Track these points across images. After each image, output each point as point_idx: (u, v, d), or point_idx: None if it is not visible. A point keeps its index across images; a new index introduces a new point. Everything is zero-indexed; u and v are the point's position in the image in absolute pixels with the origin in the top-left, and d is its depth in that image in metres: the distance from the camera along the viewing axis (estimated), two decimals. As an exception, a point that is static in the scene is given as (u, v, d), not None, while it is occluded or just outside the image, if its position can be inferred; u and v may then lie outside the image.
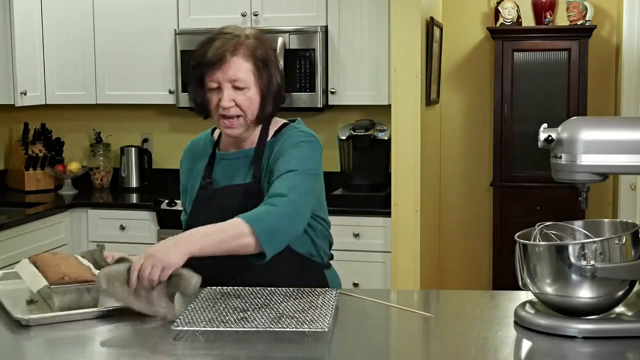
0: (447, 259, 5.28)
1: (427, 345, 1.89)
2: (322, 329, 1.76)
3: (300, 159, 2.10)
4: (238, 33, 2.13)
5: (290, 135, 2.18)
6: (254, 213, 1.99)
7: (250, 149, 2.20)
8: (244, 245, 1.96)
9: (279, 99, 2.18)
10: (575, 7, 4.81)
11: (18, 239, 3.97)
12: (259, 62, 2.11)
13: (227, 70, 2.09)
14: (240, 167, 2.20)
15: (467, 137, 5.23)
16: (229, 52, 2.09)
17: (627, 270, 1.78)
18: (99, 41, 4.66)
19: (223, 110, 2.11)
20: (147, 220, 4.37)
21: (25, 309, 1.99)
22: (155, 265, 1.87)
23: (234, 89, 2.10)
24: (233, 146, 2.24)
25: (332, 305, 1.92)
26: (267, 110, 2.15)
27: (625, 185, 4.69)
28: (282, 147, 2.14)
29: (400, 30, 4.06)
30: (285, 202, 2.00)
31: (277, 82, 2.15)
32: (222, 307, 1.91)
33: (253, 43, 2.12)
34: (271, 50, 2.16)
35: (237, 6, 4.46)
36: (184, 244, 1.92)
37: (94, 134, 4.97)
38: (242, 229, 1.95)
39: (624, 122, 1.98)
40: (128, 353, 1.78)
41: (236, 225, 1.96)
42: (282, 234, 2.00)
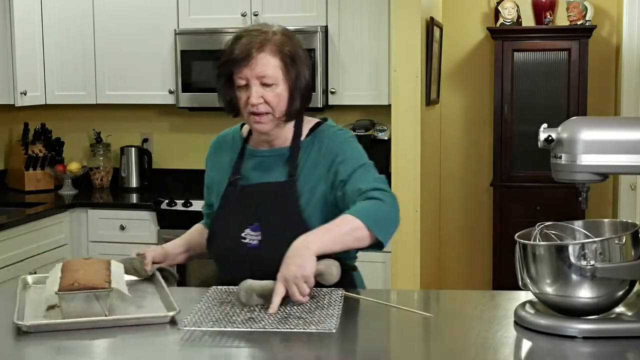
0: (447, 259, 5.28)
1: (427, 345, 1.89)
2: (330, 330, 1.76)
3: (359, 154, 2.16)
4: (265, 30, 2.12)
5: (332, 134, 2.19)
6: (360, 208, 2.01)
7: (285, 147, 2.19)
8: (360, 239, 1.98)
9: (308, 96, 2.18)
10: (575, 7, 4.81)
11: (18, 239, 3.97)
12: (287, 58, 2.10)
13: (254, 66, 2.08)
14: (274, 165, 2.19)
15: (467, 137, 5.24)
16: (256, 48, 2.08)
17: (627, 270, 1.78)
18: (99, 41, 4.66)
19: (252, 107, 2.10)
20: (147, 220, 4.37)
21: (43, 314, 1.96)
22: (298, 283, 1.88)
23: (262, 86, 2.09)
24: (264, 143, 2.22)
25: (339, 305, 1.92)
26: (295, 107, 2.13)
27: (625, 185, 4.69)
28: (329, 152, 2.15)
29: (400, 30, 4.06)
30: (383, 194, 2.04)
31: (306, 79, 2.15)
32: (229, 308, 1.91)
33: (280, 39, 2.11)
34: (300, 47, 2.16)
35: (237, 6, 4.46)
36: (307, 250, 1.92)
37: (94, 134, 4.97)
38: (354, 223, 1.97)
39: (624, 122, 1.98)
40: (134, 354, 1.77)
41: (348, 220, 1.98)
42: (392, 223, 2.05)
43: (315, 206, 2.13)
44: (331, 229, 1.98)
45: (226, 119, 5.10)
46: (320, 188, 2.13)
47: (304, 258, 1.89)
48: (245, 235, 2.15)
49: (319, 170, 2.15)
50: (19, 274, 3.92)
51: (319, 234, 1.96)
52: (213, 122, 4.90)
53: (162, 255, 2.29)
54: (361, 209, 2.01)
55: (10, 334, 1.85)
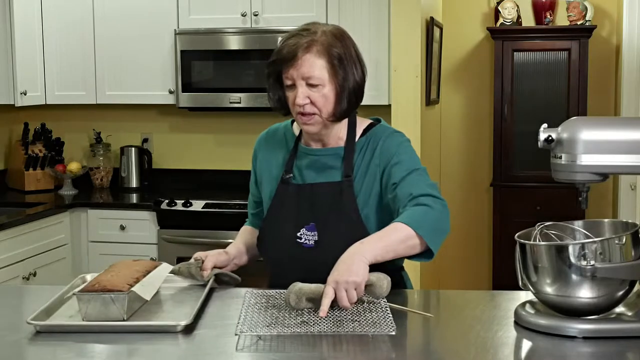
0: (447, 259, 5.28)
1: (427, 345, 1.89)
2: (389, 331, 1.77)
3: (413, 158, 2.16)
4: (314, 30, 2.11)
5: (389, 135, 2.18)
6: (411, 216, 2.00)
7: (339, 147, 2.18)
8: (412, 247, 1.98)
9: (358, 97, 2.15)
10: (575, 7, 4.81)
11: (18, 239, 3.96)
12: (334, 59, 2.08)
13: (299, 67, 2.07)
14: (328, 164, 2.18)
15: (467, 137, 5.23)
16: (302, 49, 2.07)
17: (627, 270, 1.78)
18: (99, 41, 4.66)
19: (298, 107, 2.10)
20: (147, 220, 4.37)
21: (70, 314, 1.95)
22: (348, 289, 1.85)
23: (308, 86, 2.09)
24: (317, 142, 2.21)
25: (386, 307, 1.92)
26: (342, 108, 2.12)
27: (625, 185, 4.70)
28: (385, 153, 2.14)
29: (400, 30, 4.06)
30: (434, 200, 2.05)
31: (355, 80, 2.13)
32: (277, 311, 1.90)
33: (328, 40, 2.10)
34: (351, 48, 2.14)
35: (237, 6, 4.46)
36: (361, 257, 1.90)
37: (94, 134, 4.97)
38: (407, 231, 1.96)
39: (624, 122, 1.98)
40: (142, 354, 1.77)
41: (400, 229, 1.97)
42: (442, 231, 2.04)
43: (372, 207, 2.13)
44: (384, 237, 1.97)
45: (226, 119, 5.10)
46: (375, 189, 2.14)
47: (357, 265, 1.88)
48: (300, 235, 2.14)
49: (375, 170, 2.15)
50: (19, 274, 3.93)
51: (372, 242, 1.95)
52: (213, 122, 4.91)
53: (225, 260, 2.27)
54: (413, 216, 2.00)
55: (27, 334, 1.85)
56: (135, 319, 1.92)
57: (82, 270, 4.40)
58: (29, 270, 4.02)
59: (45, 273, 4.12)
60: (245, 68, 4.45)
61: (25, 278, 3.97)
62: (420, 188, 2.07)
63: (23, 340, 1.82)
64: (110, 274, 1.96)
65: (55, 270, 4.24)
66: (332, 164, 2.18)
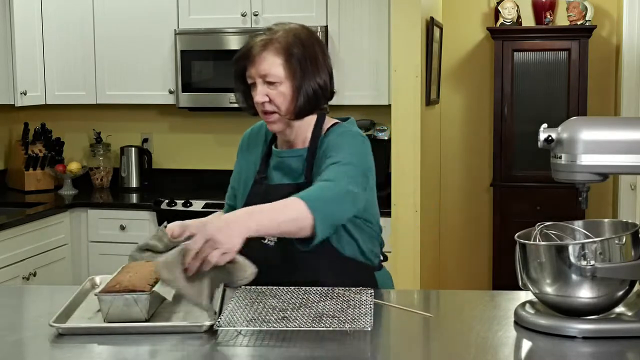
0: (447, 259, 5.28)
1: (427, 345, 1.89)
2: (365, 328, 1.76)
3: (348, 154, 2.09)
4: (277, 29, 2.13)
5: (338, 132, 2.17)
6: (310, 193, 1.95)
7: (303, 149, 2.19)
8: (302, 228, 1.91)
9: (317, 96, 2.14)
10: (575, 7, 4.81)
11: (18, 239, 3.96)
12: (292, 57, 2.09)
13: (257, 65, 2.10)
14: (293, 167, 2.19)
15: (467, 137, 5.23)
16: (259, 47, 2.10)
17: (627, 270, 1.78)
18: (99, 41, 4.66)
19: (259, 105, 2.12)
20: (147, 220, 4.37)
21: (89, 316, 1.95)
22: (215, 248, 1.78)
23: (266, 84, 2.10)
24: (285, 144, 2.23)
25: (370, 304, 1.92)
26: (299, 106, 2.12)
27: (625, 185, 4.69)
28: (328, 145, 2.13)
29: (400, 30, 4.06)
30: (332, 185, 1.99)
31: (316, 81, 2.13)
32: (262, 307, 1.91)
33: (288, 39, 2.11)
34: (314, 46, 2.14)
35: (237, 6, 4.46)
36: (243, 223, 1.83)
37: (94, 134, 4.97)
38: (299, 206, 1.90)
39: (624, 122, 1.98)
40: (166, 355, 1.77)
41: (294, 203, 1.91)
42: (335, 217, 1.98)
43: None
44: (270, 210, 1.90)
45: (226, 119, 5.10)
46: None
47: (236, 233, 1.81)
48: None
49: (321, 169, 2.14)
50: (19, 274, 3.93)
51: (261, 215, 1.88)
52: (213, 122, 4.91)
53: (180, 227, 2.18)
54: (310, 194, 1.95)
55: (47, 335, 1.84)
56: (156, 319, 1.92)
57: (82, 271, 4.40)
58: (29, 270, 4.02)
59: (45, 273, 4.12)
60: (245, 68, 4.44)
61: (25, 278, 3.97)
62: (325, 176, 2.02)
63: (44, 343, 1.81)
64: (129, 275, 1.95)
65: (55, 270, 4.24)
66: (296, 165, 2.18)
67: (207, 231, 1.80)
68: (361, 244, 2.20)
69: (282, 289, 2.06)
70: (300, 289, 2.05)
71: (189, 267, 1.80)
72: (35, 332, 1.88)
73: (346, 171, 2.04)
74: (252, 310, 1.89)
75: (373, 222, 2.24)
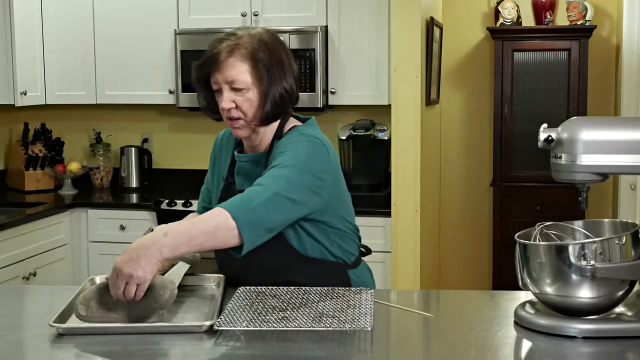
0: (447, 259, 5.28)
1: (427, 345, 1.89)
2: (365, 327, 1.76)
3: (291, 157, 2.05)
4: (242, 34, 2.11)
5: (289, 136, 2.15)
6: (234, 201, 1.95)
7: (261, 153, 2.18)
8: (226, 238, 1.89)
9: (284, 101, 2.13)
10: (575, 7, 4.81)
11: (18, 239, 3.96)
12: (259, 63, 2.07)
13: (223, 71, 2.08)
14: (251, 170, 2.18)
15: (467, 137, 5.23)
16: (225, 52, 2.07)
17: (627, 270, 1.78)
18: (99, 41, 4.66)
19: (225, 112, 2.11)
20: (147, 220, 4.37)
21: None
22: (129, 282, 1.82)
23: (232, 91, 2.09)
24: (249, 147, 2.22)
25: (370, 304, 1.92)
26: (266, 112, 2.10)
27: (625, 185, 4.70)
28: (277, 148, 2.12)
29: (400, 30, 4.06)
30: (261, 189, 1.96)
31: (283, 86, 2.11)
32: (261, 307, 1.91)
33: (253, 44, 2.09)
34: (280, 52, 2.12)
35: (237, 6, 4.46)
36: (155, 253, 1.83)
37: (94, 134, 4.97)
38: (221, 216, 1.89)
39: (624, 122, 1.98)
40: (167, 353, 1.77)
41: (217, 214, 1.90)
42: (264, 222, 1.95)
43: None
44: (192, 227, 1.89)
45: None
46: None
47: (147, 260, 1.82)
48: None
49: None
50: (19, 274, 3.93)
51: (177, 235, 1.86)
52: (213, 122, 4.88)
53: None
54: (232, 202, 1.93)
55: (47, 335, 1.84)
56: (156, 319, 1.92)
57: (82, 271, 4.40)
58: (29, 270, 4.02)
59: (45, 273, 4.12)
60: (245, 68, 4.44)
61: (25, 278, 3.97)
62: (258, 181, 2.01)
63: (44, 343, 1.81)
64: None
65: (55, 270, 4.24)
66: (255, 170, 2.16)
67: (115, 265, 1.83)
68: (327, 245, 2.17)
69: (282, 289, 2.06)
70: (300, 289, 2.05)
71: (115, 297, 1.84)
72: (35, 332, 1.88)
73: (284, 174, 2.00)
74: (252, 310, 1.89)
75: (338, 221, 2.18)
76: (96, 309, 1.88)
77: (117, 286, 1.83)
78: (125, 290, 1.83)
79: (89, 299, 1.89)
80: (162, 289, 1.89)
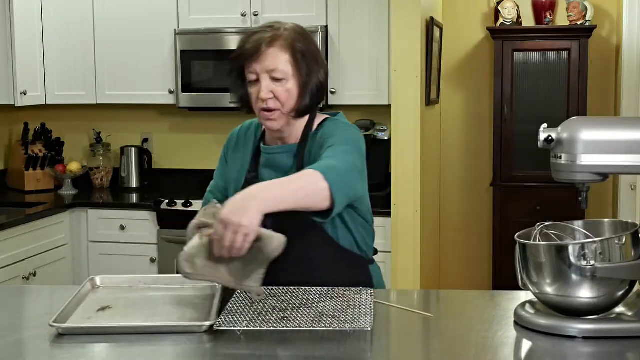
0: (447, 259, 5.28)
1: (427, 345, 1.89)
2: (365, 328, 1.76)
3: (343, 138, 2.08)
4: (278, 26, 2.12)
5: (333, 124, 2.17)
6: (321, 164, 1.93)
7: (294, 144, 2.18)
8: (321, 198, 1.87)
9: (319, 94, 2.16)
10: (575, 7, 4.81)
11: (18, 239, 3.97)
12: (298, 54, 2.09)
13: (263, 60, 2.07)
14: (283, 162, 2.18)
15: (467, 137, 5.23)
16: (266, 43, 2.08)
17: (627, 270, 1.78)
18: (99, 41, 4.66)
19: (262, 102, 2.09)
20: (147, 220, 4.37)
21: (89, 316, 1.95)
22: (236, 232, 1.76)
23: (272, 80, 2.09)
24: (277, 140, 2.21)
25: (370, 304, 1.92)
26: (304, 103, 2.12)
27: (625, 185, 4.69)
28: (323, 136, 2.13)
29: (400, 30, 4.06)
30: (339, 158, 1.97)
31: (318, 77, 2.13)
32: (262, 307, 1.91)
33: (292, 35, 2.10)
34: (313, 45, 2.15)
35: (237, 6, 4.46)
36: (261, 198, 1.80)
37: (94, 134, 4.97)
38: (315, 177, 1.88)
39: (624, 122, 1.98)
40: (167, 353, 1.77)
41: (310, 174, 1.89)
42: (351, 188, 1.96)
43: None
44: (288, 184, 1.87)
45: (226, 119, 5.09)
46: None
47: (252, 212, 1.78)
48: None
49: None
50: (19, 274, 3.94)
51: (275, 189, 1.84)
52: (213, 122, 4.91)
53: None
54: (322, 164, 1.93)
55: (47, 335, 1.84)
56: (157, 319, 1.92)
57: (82, 271, 4.40)
58: (29, 270, 4.02)
59: (45, 273, 4.12)
60: (245, 68, 4.44)
61: (25, 278, 3.97)
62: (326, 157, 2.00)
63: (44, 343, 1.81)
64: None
65: (55, 270, 4.24)
66: (286, 161, 2.17)
67: (221, 217, 1.78)
68: (356, 235, 2.19)
69: (282, 289, 2.06)
70: (300, 289, 2.05)
71: (216, 253, 1.78)
72: (35, 332, 1.88)
73: (349, 150, 2.03)
74: (252, 311, 1.89)
75: (367, 213, 2.22)
76: (201, 266, 1.83)
77: (224, 238, 1.77)
78: (234, 241, 1.77)
79: (193, 256, 1.84)
80: (269, 238, 1.83)
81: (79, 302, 2.04)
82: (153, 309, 2.02)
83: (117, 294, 2.13)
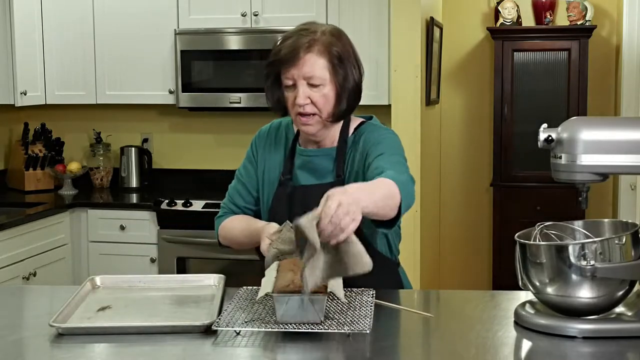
0: (447, 259, 5.28)
1: (427, 345, 1.89)
2: (364, 330, 1.75)
3: (389, 147, 2.09)
4: (314, 29, 2.10)
5: (373, 129, 2.17)
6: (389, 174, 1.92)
7: (332, 148, 2.17)
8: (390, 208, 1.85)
9: (356, 97, 2.15)
10: (575, 7, 4.81)
11: (18, 239, 3.96)
12: (335, 58, 2.08)
13: (301, 66, 2.06)
14: (321, 166, 2.17)
15: (467, 137, 5.23)
16: (304, 48, 2.06)
17: (627, 270, 1.78)
18: (99, 41, 4.66)
19: (299, 107, 2.08)
20: (147, 220, 4.37)
21: (89, 316, 1.94)
22: (349, 213, 1.68)
23: (309, 86, 2.08)
24: (313, 143, 2.20)
25: (371, 305, 1.92)
26: (342, 108, 2.11)
27: (625, 185, 4.69)
28: (366, 141, 2.12)
29: (400, 30, 4.06)
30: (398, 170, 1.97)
31: (354, 79, 2.12)
32: (262, 308, 1.91)
33: (329, 39, 2.09)
34: (349, 47, 2.13)
35: (237, 6, 4.46)
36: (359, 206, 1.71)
37: (94, 134, 4.97)
38: (391, 186, 1.86)
39: (624, 122, 1.98)
40: (166, 354, 1.77)
41: (387, 183, 1.87)
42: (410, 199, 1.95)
43: None
44: (373, 190, 1.83)
45: (227, 119, 5.09)
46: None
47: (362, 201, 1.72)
48: None
49: (360, 165, 2.12)
50: (19, 274, 3.94)
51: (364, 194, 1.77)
52: (213, 122, 4.91)
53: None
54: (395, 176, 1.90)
55: (47, 335, 1.84)
56: (157, 319, 1.92)
57: (82, 271, 4.40)
58: (29, 270, 4.02)
59: (45, 273, 4.12)
60: (245, 68, 4.45)
61: (25, 278, 3.97)
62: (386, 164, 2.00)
63: (44, 343, 1.81)
64: (297, 275, 1.82)
65: (55, 270, 4.24)
66: (325, 165, 2.17)
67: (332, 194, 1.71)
68: (390, 241, 2.21)
69: None
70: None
71: (323, 231, 1.68)
72: (35, 332, 1.88)
73: (399, 161, 2.06)
74: (252, 311, 1.89)
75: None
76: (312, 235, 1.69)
77: (337, 215, 1.67)
78: (344, 223, 1.67)
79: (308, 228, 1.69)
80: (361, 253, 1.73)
81: (78, 302, 2.04)
82: (153, 309, 2.02)
83: (117, 294, 2.13)
